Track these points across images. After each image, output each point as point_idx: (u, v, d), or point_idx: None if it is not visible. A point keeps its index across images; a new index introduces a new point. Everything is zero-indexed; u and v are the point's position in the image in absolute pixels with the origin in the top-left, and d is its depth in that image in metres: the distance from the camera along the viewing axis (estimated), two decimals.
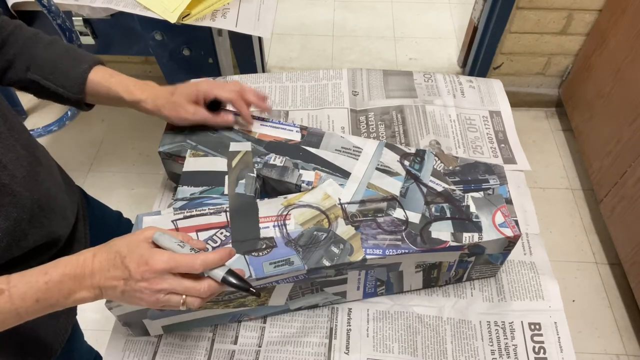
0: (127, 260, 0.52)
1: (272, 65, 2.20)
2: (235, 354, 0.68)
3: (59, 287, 0.52)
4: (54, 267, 0.52)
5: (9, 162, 0.59)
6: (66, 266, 0.52)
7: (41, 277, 0.51)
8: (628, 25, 1.52)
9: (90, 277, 0.52)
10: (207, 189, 0.70)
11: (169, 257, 0.51)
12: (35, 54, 0.69)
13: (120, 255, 0.52)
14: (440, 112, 0.94)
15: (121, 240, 0.54)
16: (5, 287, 0.50)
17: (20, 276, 0.52)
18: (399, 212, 0.68)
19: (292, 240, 0.65)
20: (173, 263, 0.51)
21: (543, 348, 0.69)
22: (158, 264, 0.51)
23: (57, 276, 0.52)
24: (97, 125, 2.02)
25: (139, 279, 0.51)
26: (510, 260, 0.77)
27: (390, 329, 0.71)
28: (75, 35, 1.11)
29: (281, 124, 0.80)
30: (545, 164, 1.90)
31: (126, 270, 0.51)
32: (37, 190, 0.64)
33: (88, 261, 0.53)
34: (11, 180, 0.59)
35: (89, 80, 0.70)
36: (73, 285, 0.52)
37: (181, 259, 0.52)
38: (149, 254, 0.52)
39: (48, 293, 0.51)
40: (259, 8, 1.12)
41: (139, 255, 0.52)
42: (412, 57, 2.24)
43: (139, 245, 0.53)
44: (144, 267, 0.51)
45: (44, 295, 0.51)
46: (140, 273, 0.51)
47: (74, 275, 0.52)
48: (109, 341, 0.71)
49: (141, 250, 0.52)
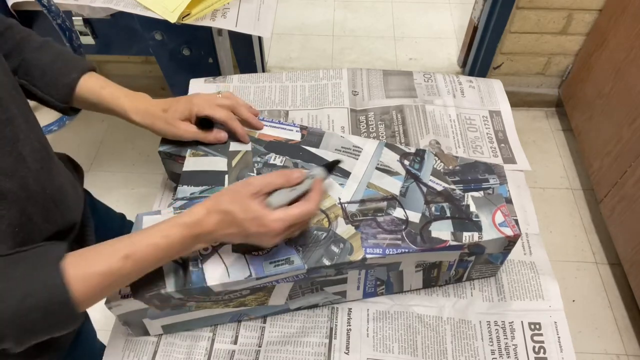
0: (243, 222, 0.56)
1: (272, 65, 2.20)
2: (235, 354, 0.68)
3: (179, 246, 0.56)
4: (173, 228, 0.56)
5: (27, 154, 0.59)
6: (185, 227, 0.56)
7: (163, 240, 0.55)
8: (628, 25, 1.52)
9: (207, 234, 0.57)
10: (207, 189, 0.70)
11: (284, 217, 0.56)
12: (25, 57, 0.68)
13: (236, 218, 0.56)
14: (440, 112, 0.94)
15: (229, 198, 0.57)
16: (130, 253, 0.54)
17: (142, 238, 0.55)
18: (398, 212, 0.68)
19: (292, 240, 0.65)
20: (288, 222, 0.56)
21: (543, 348, 0.69)
22: (276, 225, 0.56)
23: (178, 238, 0.55)
24: (97, 125, 2.02)
25: (260, 236, 0.57)
26: (510, 260, 0.77)
27: (390, 329, 0.71)
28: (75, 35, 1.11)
29: (281, 123, 0.80)
30: (545, 164, 1.90)
31: (244, 229, 0.56)
32: (51, 186, 0.64)
33: (204, 221, 0.56)
34: (27, 173, 0.59)
35: (79, 88, 0.70)
36: (191, 243, 0.57)
37: (295, 213, 0.57)
38: (263, 214, 0.56)
39: (168, 252, 0.56)
40: (259, 8, 1.12)
41: (256, 218, 0.56)
42: (412, 57, 2.24)
43: (249, 205, 0.56)
44: (262, 229, 0.56)
45: (165, 255, 0.56)
46: (259, 233, 0.56)
47: (192, 235, 0.56)
48: (109, 341, 0.71)
49: (255, 211, 0.56)
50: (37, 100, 0.70)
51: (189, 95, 0.74)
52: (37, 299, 0.49)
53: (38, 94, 0.69)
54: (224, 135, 0.75)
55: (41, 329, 0.51)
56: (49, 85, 0.69)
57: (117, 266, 0.53)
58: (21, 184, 0.57)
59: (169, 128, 0.72)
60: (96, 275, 0.52)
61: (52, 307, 0.49)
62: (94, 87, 0.71)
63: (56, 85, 0.69)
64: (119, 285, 0.58)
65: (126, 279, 0.56)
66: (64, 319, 0.51)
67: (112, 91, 0.72)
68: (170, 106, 0.72)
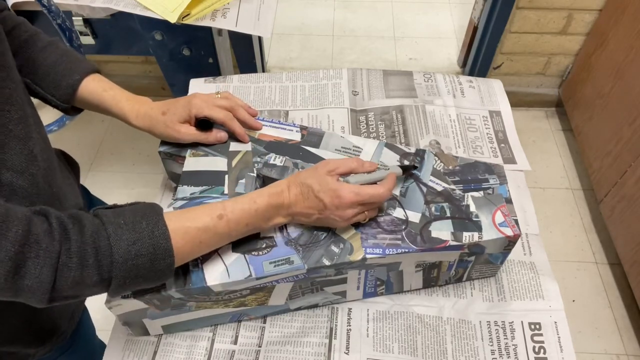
0: (320, 194, 0.61)
1: (272, 65, 2.20)
2: (235, 354, 0.68)
3: (263, 214, 0.61)
4: (259, 197, 0.61)
5: (38, 153, 0.60)
6: (269, 196, 0.61)
7: (252, 205, 0.60)
8: (628, 25, 1.52)
9: (288, 207, 0.62)
10: (207, 189, 0.70)
11: (357, 191, 0.61)
12: (30, 56, 0.69)
13: (313, 190, 0.61)
14: (440, 112, 0.94)
15: (307, 174, 0.63)
16: (224, 213, 0.59)
17: (233, 203, 0.60)
18: (398, 212, 0.68)
19: (292, 240, 0.65)
20: (360, 197, 0.61)
21: (543, 348, 0.69)
22: (349, 197, 0.60)
23: (263, 205, 0.61)
24: (97, 125, 2.02)
25: (333, 210, 0.61)
26: (510, 260, 0.77)
27: (390, 329, 0.71)
28: (75, 35, 1.11)
29: (281, 123, 0.80)
30: (545, 164, 1.90)
31: (321, 202, 0.61)
32: (55, 183, 0.65)
33: (285, 193, 0.62)
34: (37, 170, 0.60)
35: (81, 90, 0.70)
36: (273, 213, 0.62)
37: (367, 191, 0.62)
38: (339, 187, 0.61)
39: (255, 218, 0.61)
40: (259, 8, 1.12)
41: (332, 190, 0.61)
42: (412, 57, 2.24)
43: (327, 179, 0.62)
44: (337, 201, 0.60)
45: (252, 220, 0.61)
46: (335, 205, 0.61)
47: (275, 205, 0.61)
48: (109, 341, 0.71)
49: (331, 184, 0.61)
50: (40, 99, 0.71)
51: (187, 96, 0.74)
52: (144, 245, 0.52)
53: (40, 92, 0.69)
54: (224, 135, 0.75)
55: (144, 276, 0.53)
56: (51, 85, 0.69)
57: (213, 223, 0.58)
58: (31, 181, 0.59)
59: (169, 131, 0.72)
60: (194, 229, 0.57)
61: (158, 254, 0.53)
62: (96, 89, 0.71)
63: (59, 85, 0.69)
64: (211, 244, 0.60)
65: (219, 238, 0.60)
66: (164, 267, 0.54)
67: (113, 94, 0.72)
68: (169, 109, 0.72)
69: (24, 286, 0.47)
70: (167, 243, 0.53)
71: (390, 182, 0.64)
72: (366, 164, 0.67)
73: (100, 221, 0.52)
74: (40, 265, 0.47)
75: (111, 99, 0.72)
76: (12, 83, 0.57)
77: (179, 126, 0.72)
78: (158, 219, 0.54)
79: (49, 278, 0.48)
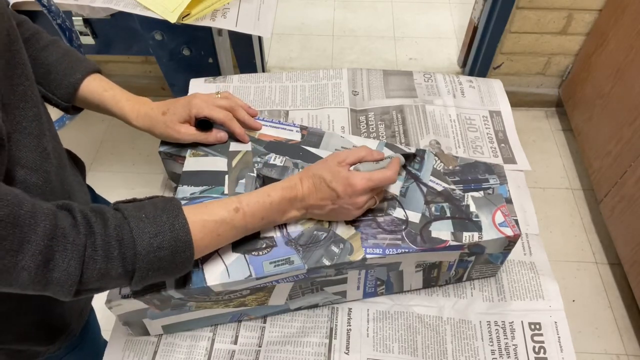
0: (333, 184, 0.62)
1: (272, 65, 2.20)
2: (235, 354, 0.68)
3: (278, 207, 0.62)
4: (273, 190, 0.62)
5: (51, 150, 0.60)
6: (283, 190, 0.62)
7: (266, 198, 0.61)
8: (628, 25, 1.52)
9: (301, 199, 0.63)
10: (207, 189, 0.70)
11: (368, 177, 0.63)
12: (31, 55, 0.68)
13: (325, 180, 0.62)
14: (440, 112, 0.94)
15: (318, 166, 0.64)
16: (240, 206, 0.60)
17: (248, 197, 0.61)
18: (399, 212, 0.68)
19: (292, 240, 0.65)
20: (372, 182, 0.63)
21: (543, 348, 0.69)
22: (361, 184, 0.62)
23: (277, 198, 0.62)
24: (97, 125, 2.02)
25: (347, 198, 0.62)
26: (510, 260, 0.77)
27: (390, 329, 0.71)
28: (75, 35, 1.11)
29: (281, 123, 0.80)
30: (545, 164, 1.90)
31: (334, 192, 0.62)
32: (66, 181, 0.65)
33: (298, 186, 0.63)
34: (50, 167, 0.60)
35: (81, 89, 0.71)
36: (288, 206, 0.63)
37: (378, 176, 0.63)
38: (350, 175, 0.62)
39: (270, 212, 0.62)
40: (259, 8, 1.12)
41: (344, 178, 0.62)
42: (412, 57, 2.24)
43: (338, 169, 0.63)
44: (350, 189, 0.62)
45: (267, 214, 0.62)
46: (348, 194, 0.62)
47: (289, 198, 0.62)
48: (109, 341, 0.71)
49: (342, 173, 0.62)
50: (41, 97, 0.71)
51: (187, 96, 0.74)
52: (165, 237, 0.53)
53: (41, 91, 0.69)
54: (224, 135, 0.76)
55: (165, 268, 0.54)
56: (52, 84, 0.69)
57: (230, 216, 0.59)
58: (45, 178, 0.59)
59: (169, 132, 0.72)
60: (211, 222, 0.58)
61: (178, 246, 0.54)
62: (97, 89, 0.72)
63: (59, 84, 0.69)
64: (229, 237, 0.61)
65: (236, 231, 0.61)
66: (184, 260, 0.55)
67: (114, 94, 0.72)
68: (169, 109, 0.72)
69: (53, 279, 0.48)
70: (187, 236, 0.54)
71: (395, 165, 0.66)
72: (375, 152, 0.68)
73: (122, 215, 0.53)
74: (68, 258, 0.48)
75: (111, 98, 0.72)
76: (27, 80, 0.57)
77: (179, 126, 0.72)
78: (178, 212, 0.55)
79: (77, 271, 0.48)
